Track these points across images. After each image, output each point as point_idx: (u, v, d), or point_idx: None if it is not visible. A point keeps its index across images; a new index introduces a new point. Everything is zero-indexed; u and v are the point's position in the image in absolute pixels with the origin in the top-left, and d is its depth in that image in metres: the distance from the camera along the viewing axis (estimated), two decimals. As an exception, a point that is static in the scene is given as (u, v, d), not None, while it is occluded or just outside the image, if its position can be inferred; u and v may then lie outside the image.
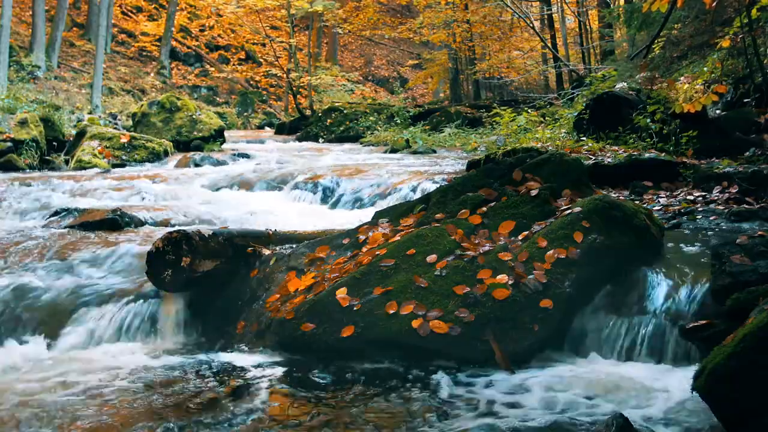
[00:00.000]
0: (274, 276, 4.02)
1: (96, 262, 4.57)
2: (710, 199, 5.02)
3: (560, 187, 4.09)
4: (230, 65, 29.44)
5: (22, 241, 5.14)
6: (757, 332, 2.41)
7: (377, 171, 8.30)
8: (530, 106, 13.46)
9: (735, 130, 6.67)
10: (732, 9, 9.80)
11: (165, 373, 3.37)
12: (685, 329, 3.17)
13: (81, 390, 3.14)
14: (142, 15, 29.56)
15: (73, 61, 23.78)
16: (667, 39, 11.84)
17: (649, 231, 3.79)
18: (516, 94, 22.38)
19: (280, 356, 3.55)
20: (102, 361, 3.55)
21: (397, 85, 31.74)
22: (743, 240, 3.32)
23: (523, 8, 20.72)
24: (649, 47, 10.45)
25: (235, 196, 7.66)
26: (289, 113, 25.11)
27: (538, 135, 8.49)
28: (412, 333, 3.32)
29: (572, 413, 2.78)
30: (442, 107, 19.37)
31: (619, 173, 5.91)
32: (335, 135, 17.60)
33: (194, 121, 13.48)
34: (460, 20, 21.77)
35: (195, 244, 3.94)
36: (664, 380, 3.03)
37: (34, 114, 11.01)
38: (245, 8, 25.30)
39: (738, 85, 8.19)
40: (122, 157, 10.99)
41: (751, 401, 2.38)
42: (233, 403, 2.97)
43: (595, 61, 19.51)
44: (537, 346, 3.34)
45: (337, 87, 24.82)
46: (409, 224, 4.07)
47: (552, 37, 20.01)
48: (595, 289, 3.52)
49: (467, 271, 3.55)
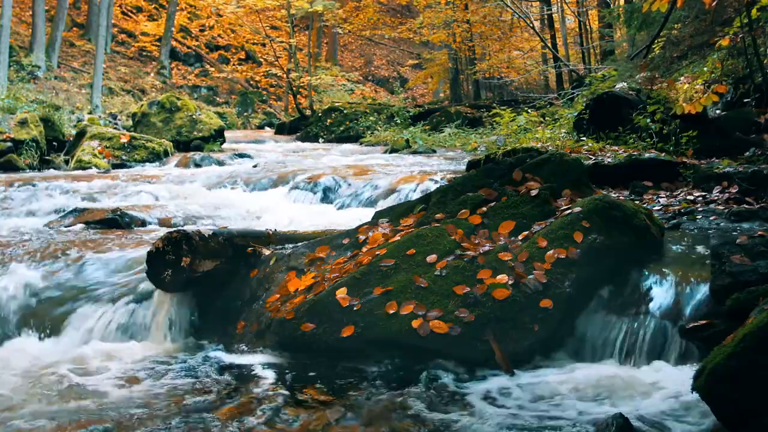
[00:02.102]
0: (274, 276, 4.02)
1: (96, 262, 4.57)
2: (710, 199, 5.02)
3: (560, 187, 4.09)
4: (230, 65, 29.44)
5: (22, 241, 5.14)
6: (757, 332, 2.41)
7: (377, 171, 8.31)
8: (530, 106, 13.46)
9: (735, 130, 6.67)
10: (732, 9, 9.80)
11: (164, 373, 3.37)
12: (685, 329, 3.17)
13: (79, 390, 3.14)
14: (142, 15, 29.55)
15: (73, 61, 23.78)
16: (667, 39, 11.84)
17: (649, 231, 3.79)
18: (516, 94, 22.38)
19: (280, 356, 3.55)
20: (101, 361, 3.55)
21: (397, 85, 31.74)
22: (743, 240, 3.32)
23: (523, 8, 20.72)
24: (649, 47, 10.46)
25: (235, 196, 7.66)
26: (289, 113, 25.11)
27: (538, 135, 8.49)
28: (412, 333, 3.32)
29: (572, 413, 2.78)
30: (442, 107, 19.37)
31: (619, 173, 5.90)
32: (335, 135, 17.60)
33: (194, 121, 13.48)
34: (460, 20, 21.76)
35: (195, 244, 3.94)
36: (664, 380, 3.03)
37: (34, 114, 11.01)
38: (245, 8, 25.29)
39: (738, 85, 8.18)
40: (122, 157, 10.99)
41: (751, 401, 2.38)
42: (233, 403, 2.97)
43: (595, 61, 19.51)
44: (537, 346, 3.34)
45: (337, 87, 24.81)
46: (409, 224, 4.07)
47: (552, 37, 20.01)
48: (595, 289, 3.52)
49: (467, 271, 3.55)
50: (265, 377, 3.28)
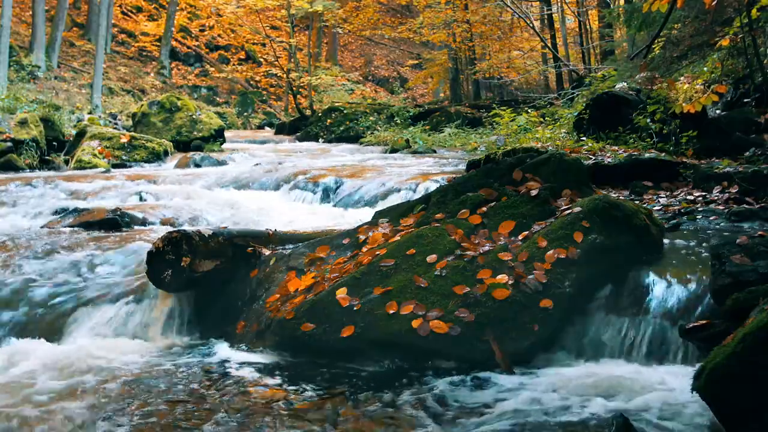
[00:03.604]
0: (274, 276, 4.02)
1: (96, 262, 4.57)
2: (710, 199, 5.01)
3: (560, 187, 4.09)
4: (230, 65, 29.43)
5: (22, 241, 5.14)
6: (757, 332, 2.41)
7: (377, 171, 8.31)
8: (530, 106, 13.47)
9: (735, 130, 6.66)
10: (732, 9, 9.79)
11: (164, 373, 3.37)
12: (685, 329, 3.17)
13: (79, 390, 3.14)
14: (142, 15, 29.55)
15: (73, 61, 23.77)
16: (667, 39, 11.84)
17: (649, 231, 3.79)
18: (516, 94, 22.36)
19: (280, 356, 3.55)
20: (101, 361, 3.54)
21: (397, 85, 31.75)
22: (743, 240, 3.32)
23: (523, 8, 20.71)
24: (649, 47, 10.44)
25: (234, 196, 7.66)
26: (289, 113, 25.11)
27: (538, 135, 8.50)
28: (412, 333, 3.32)
29: (572, 413, 2.78)
30: (442, 107, 19.37)
31: (619, 173, 5.90)
32: (335, 135, 17.60)
33: (194, 121, 13.48)
34: (460, 20, 21.76)
35: (195, 244, 3.94)
36: (664, 380, 3.03)
37: (34, 114, 11.01)
38: (245, 8, 25.31)
39: (738, 85, 8.18)
40: (122, 157, 10.99)
41: (751, 401, 2.38)
42: (233, 403, 2.97)
43: (595, 61, 19.51)
44: (537, 346, 3.34)
45: (337, 87, 24.80)
46: (409, 224, 4.07)
47: (552, 37, 20.00)
48: (595, 289, 3.52)
49: (467, 271, 3.55)
50: (265, 377, 3.28)
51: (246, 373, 3.35)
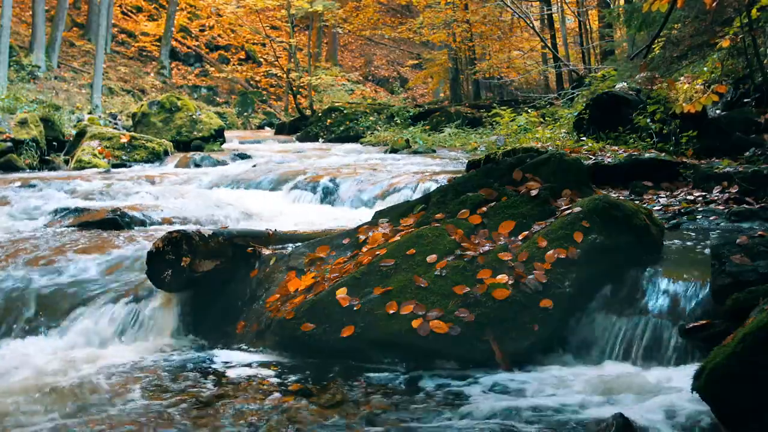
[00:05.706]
0: (274, 276, 4.02)
1: (96, 262, 4.57)
2: (710, 199, 5.02)
3: (560, 187, 4.09)
4: (230, 65, 29.43)
5: (22, 241, 5.14)
6: (757, 332, 2.41)
7: (377, 171, 8.31)
8: (530, 106, 13.47)
9: (735, 130, 6.67)
10: (732, 9, 9.78)
11: (164, 372, 3.37)
12: (685, 329, 3.17)
13: (79, 389, 3.14)
14: (142, 15, 29.55)
15: (73, 61, 23.77)
16: (667, 39, 11.83)
17: (649, 231, 3.79)
18: (516, 94, 22.36)
19: (280, 356, 3.55)
20: (100, 360, 3.55)
21: (397, 85, 31.75)
22: (743, 240, 3.32)
23: (523, 8, 20.71)
24: (649, 47, 10.43)
25: (234, 196, 7.66)
26: (289, 113, 25.11)
27: (538, 135, 8.50)
28: (412, 333, 3.32)
29: (572, 413, 2.78)
30: (442, 107, 19.37)
31: (619, 173, 5.90)
32: (335, 135, 17.60)
33: (194, 121, 13.48)
34: (460, 20, 21.76)
35: (195, 244, 3.94)
36: (664, 380, 3.03)
37: (34, 114, 11.01)
38: (245, 8, 25.31)
39: (738, 85, 8.18)
40: (122, 157, 11.00)
41: (751, 401, 2.38)
42: (233, 403, 2.97)
43: (595, 61, 19.51)
44: (537, 346, 3.34)
45: (337, 87, 24.81)
46: (409, 224, 4.07)
47: (552, 37, 20.00)
48: (595, 289, 3.52)
49: (467, 271, 3.55)
50: (264, 377, 3.28)
51: (246, 373, 3.35)
